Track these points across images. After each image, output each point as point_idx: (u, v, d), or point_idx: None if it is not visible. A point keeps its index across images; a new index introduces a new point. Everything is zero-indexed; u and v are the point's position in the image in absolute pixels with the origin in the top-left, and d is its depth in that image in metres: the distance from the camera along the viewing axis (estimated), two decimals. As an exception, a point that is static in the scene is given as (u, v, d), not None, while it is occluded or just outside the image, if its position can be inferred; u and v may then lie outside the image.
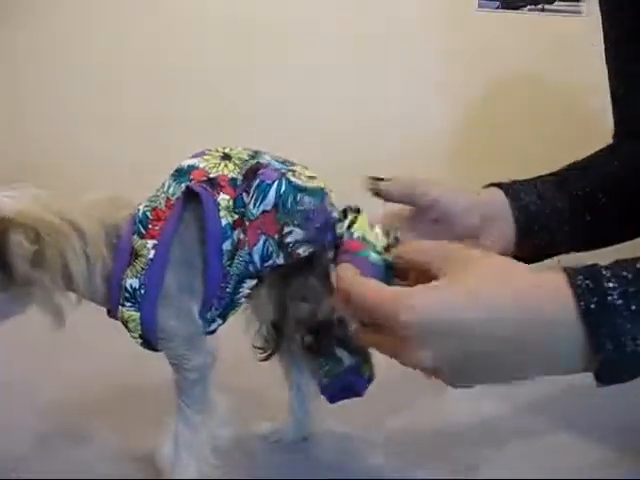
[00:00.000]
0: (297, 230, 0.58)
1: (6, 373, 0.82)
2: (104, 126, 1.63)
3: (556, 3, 1.54)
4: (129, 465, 0.65)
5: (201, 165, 0.59)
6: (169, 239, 0.57)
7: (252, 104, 1.60)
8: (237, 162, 0.60)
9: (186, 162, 0.60)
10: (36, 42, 1.63)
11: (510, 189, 0.72)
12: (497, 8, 1.56)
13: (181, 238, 0.58)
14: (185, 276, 0.58)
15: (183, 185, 0.58)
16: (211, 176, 0.58)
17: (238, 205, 0.58)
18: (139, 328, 0.57)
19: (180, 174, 0.59)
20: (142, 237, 0.57)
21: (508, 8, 1.56)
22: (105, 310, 0.60)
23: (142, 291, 0.56)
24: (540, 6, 1.55)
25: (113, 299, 0.57)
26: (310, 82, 1.60)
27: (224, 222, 0.57)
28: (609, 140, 0.85)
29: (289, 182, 0.59)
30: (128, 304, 0.57)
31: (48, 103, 1.65)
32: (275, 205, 0.58)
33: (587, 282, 0.44)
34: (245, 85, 1.61)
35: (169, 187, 0.59)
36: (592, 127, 0.85)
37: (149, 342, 0.59)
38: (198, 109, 1.60)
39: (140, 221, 0.57)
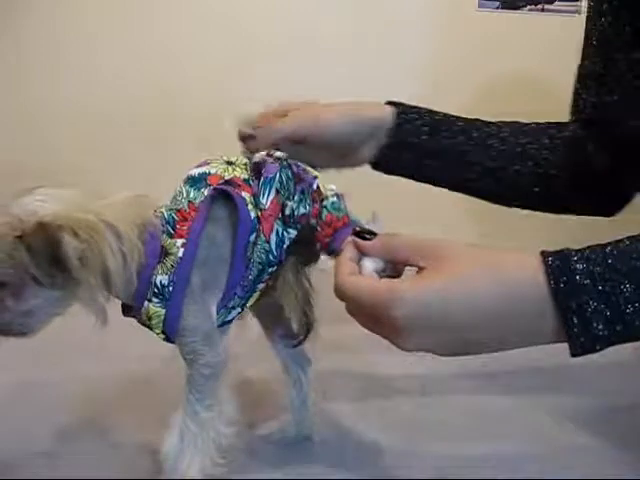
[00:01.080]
0: (292, 203, 0.62)
1: (20, 374, 0.83)
2: (104, 125, 1.63)
3: (556, 3, 1.54)
4: (136, 462, 0.65)
5: (212, 171, 0.62)
6: (197, 238, 0.59)
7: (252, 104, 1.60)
8: (242, 167, 0.63)
9: (195, 171, 0.62)
10: (37, 42, 1.63)
11: (404, 112, 0.74)
12: (497, 8, 1.57)
13: (208, 236, 0.60)
14: (210, 272, 0.60)
15: (204, 189, 0.60)
16: (227, 178, 0.61)
17: (257, 201, 0.61)
18: (161, 325, 0.59)
19: (195, 181, 0.61)
20: (171, 237, 0.59)
21: (508, 8, 1.57)
22: (120, 311, 0.61)
23: (170, 288, 0.58)
24: (540, 6, 1.55)
25: (140, 294, 0.58)
26: (310, 81, 1.60)
27: (252, 215, 0.60)
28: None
29: (288, 167, 0.62)
30: (155, 300, 0.58)
31: (48, 102, 1.65)
32: (277, 191, 0.61)
33: (557, 263, 0.47)
34: (245, 86, 1.61)
35: (188, 193, 0.61)
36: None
37: (168, 337, 0.60)
38: (198, 109, 1.61)
39: (168, 222, 0.59)
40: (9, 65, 1.65)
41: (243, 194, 0.60)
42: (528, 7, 1.55)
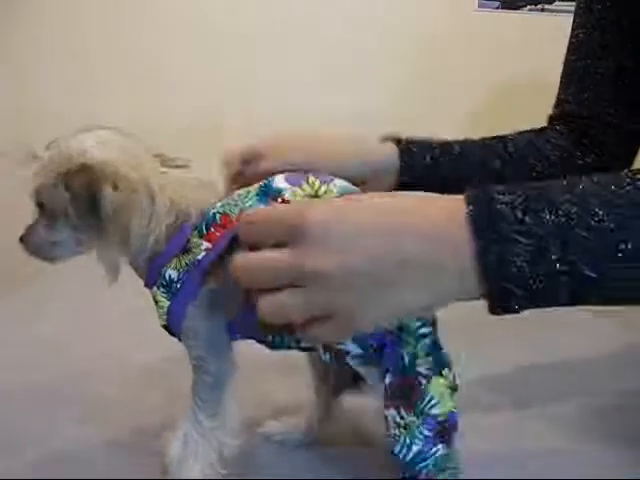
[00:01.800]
0: (352, 346, 0.56)
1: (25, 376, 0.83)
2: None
3: (556, 3, 1.54)
4: (138, 463, 0.65)
5: (287, 195, 0.55)
6: (223, 248, 0.56)
7: (252, 107, 1.60)
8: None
9: (278, 182, 0.57)
10: (37, 41, 1.64)
11: (406, 149, 0.76)
12: (497, 8, 1.57)
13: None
14: (223, 292, 0.57)
15: (263, 206, 0.55)
16: None
17: None
18: (165, 317, 0.58)
19: (265, 192, 0.56)
20: (201, 237, 0.57)
21: (508, 8, 1.57)
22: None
23: (178, 285, 0.57)
24: (540, 6, 1.55)
25: (150, 278, 0.58)
26: (310, 81, 1.60)
27: None
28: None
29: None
30: (162, 290, 0.57)
31: (48, 102, 1.65)
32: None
33: (479, 193, 0.46)
34: (245, 86, 1.61)
35: (249, 199, 0.56)
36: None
37: (170, 331, 0.59)
38: (197, 108, 1.61)
39: (207, 221, 0.57)
40: (9, 65, 1.66)
41: None
42: (528, 7, 1.56)
